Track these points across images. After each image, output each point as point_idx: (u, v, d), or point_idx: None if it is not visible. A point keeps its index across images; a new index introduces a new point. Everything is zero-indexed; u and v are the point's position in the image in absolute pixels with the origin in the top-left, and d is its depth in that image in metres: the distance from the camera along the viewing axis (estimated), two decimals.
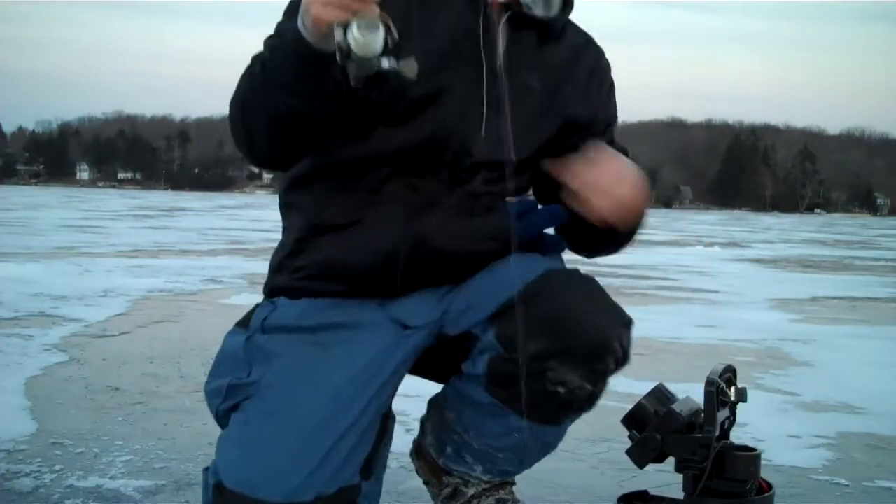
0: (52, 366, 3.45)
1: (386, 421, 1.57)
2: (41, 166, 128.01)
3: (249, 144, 1.47)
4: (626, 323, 1.51)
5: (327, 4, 1.27)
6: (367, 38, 1.25)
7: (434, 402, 1.70)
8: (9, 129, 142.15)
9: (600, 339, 1.46)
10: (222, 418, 1.55)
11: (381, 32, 1.26)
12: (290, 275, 1.59)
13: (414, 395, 1.82)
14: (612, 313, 1.50)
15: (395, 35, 1.28)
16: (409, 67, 1.30)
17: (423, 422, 1.73)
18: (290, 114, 1.40)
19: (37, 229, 14.28)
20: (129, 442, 2.43)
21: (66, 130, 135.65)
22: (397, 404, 2.64)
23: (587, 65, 1.68)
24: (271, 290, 1.63)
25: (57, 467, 2.19)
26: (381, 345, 1.53)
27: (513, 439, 1.56)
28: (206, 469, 1.50)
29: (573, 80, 1.63)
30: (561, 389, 1.46)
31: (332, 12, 1.26)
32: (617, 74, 1.79)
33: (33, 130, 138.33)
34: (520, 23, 1.57)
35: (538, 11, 1.58)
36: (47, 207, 26.83)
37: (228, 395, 1.54)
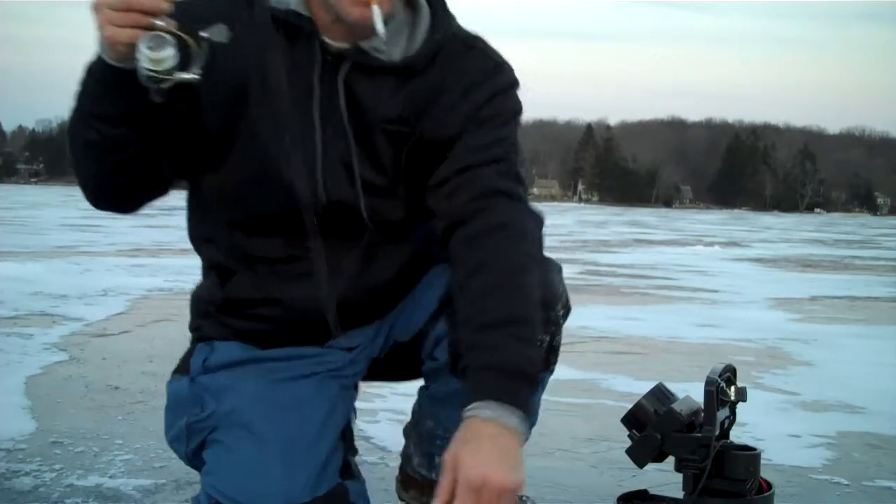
0: (52, 365, 3.45)
1: (348, 433, 1.59)
2: (41, 165, 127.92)
3: (82, 182, 1.51)
4: (559, 269, 1.59)
5: (117, 25, 1.25)
6: (156, 55, 1.25)
7: (410, 425, 1.75)
8: (9, 128, 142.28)
9: (548, 286, 1.53)
10: (193, 459, 1.56)
11: (171, 49, 1.25)
12: (219, 327, 1.58)
13: (412, 395, 1.81)
14: (547, 263, 1.56)
15: (194, 46, 1.28)
16: (194, 75, 1.29)
17: (405, 449, 1.76)
18: (104, 141, 1.40)
19: (37, 228, 14.29)
20: (129, 441, 2.43)
21: (66, 129, 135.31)
22: (397, 403, 2.65)
23: (464, 88, 1.51)
24: (199, 335, 1.62)
25: (57, 466, 2.19)
26: (329, 365, 1.57)
27: None
28: (194, 498, 1.51)
29: (438, 106, 1.49)
30: None
31: (124, 32, 1.25)
32: (617, 74, 1.75)
33: (33, 129, 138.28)
34: (370, 69, 1.46)
35: (393, 55, 1.46)
36: (47, 206, 26.82)
37: (191, 436, 1.54)
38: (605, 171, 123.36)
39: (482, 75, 1.52)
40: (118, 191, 1.49)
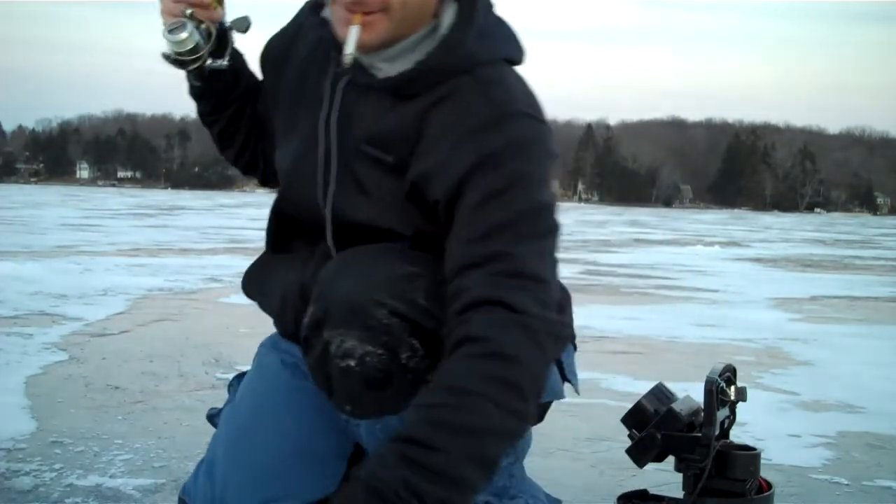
0: (52, 364, 3.45)
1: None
2: (41, 165, 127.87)
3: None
4: (403, 275, 1.31)
5: (164, 10, 1.45)
6: (173, 37, 1.42)
7: None
8: (9, 127, 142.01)
9: (358, 289, 1.30)
10: None
11: (185, 34, 1.41)
12: None
13: None
14: (375, 266, 1.32)
15: (212, 32, 1.44)
16: (220, 62, 1.48)
17: None
18: (212, 130, 1.64)
19: (37, 228, 14.28)
20: (129, 441, 2.43)
21: (66, 129, 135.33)
22: None
23: (455, 128, 1.32)
24: None
25: (57, 466, 2.19)
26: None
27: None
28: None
29: (424, 141, 1.34)
30: (352, 363, 1.30)
31: (163, 13, 1.44)
32: (617, 74, 1.59)
33: (33, 129, 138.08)
34: (362, 86, 1.40)
35: (386, 71, 1.37)
36: (47, 206, 26.82)
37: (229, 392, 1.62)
38: (605, 171, 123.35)
39: (477, 126, 1.31)
40: (244, 167, 1.68)
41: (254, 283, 1.60)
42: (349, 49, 1.31)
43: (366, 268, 1.32)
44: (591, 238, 17.88)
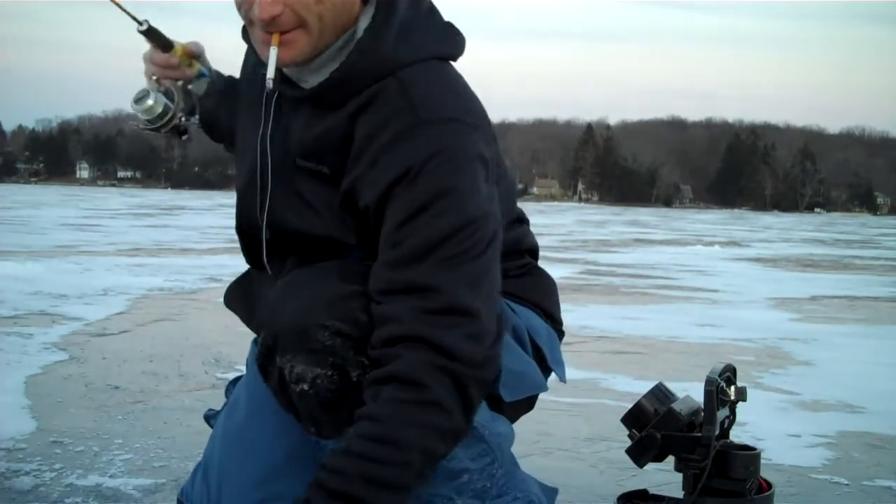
0: (52, 364, 3.45)
1: None
2: (41, 165, 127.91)
3: None
4: (342, 295, 1.29)
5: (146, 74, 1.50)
6: (138, 107, 1.46)
7: None
8: (9, 127, 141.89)
9: (300, 314, 1.30)
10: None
11: (151, 101, 1.46)
12: None
13: None
14: (315, 289, 1.31)
15: (175, 91, 1.48)
16: (192, 123, 1.52)
17: None
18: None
19: (37, 228, 14.28)
20: (129, 440, 2.43)
21: (66, 129, 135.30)
22: None
23: (377, 138, 1.29)
24: None
25: (57, 466, 2.19)
26: None
27: None
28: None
29: (353, 150, 1.32)
30: (305, 386, 1.32)
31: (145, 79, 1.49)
32: (617, 74, 1.61)
33: (33, 129, 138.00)
34: (292, 99, 1.41)
35: (311, 83, 1.37)
36: (47, 206, 26.81)
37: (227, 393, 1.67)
38: (605, 171, 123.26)
39: (396, 136, 1.27)
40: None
41: (234, 299, 1.66)
42: (270, 72, 1.30)
43: (306, 291, 1.31)
44: (590, 238, 17.88)
